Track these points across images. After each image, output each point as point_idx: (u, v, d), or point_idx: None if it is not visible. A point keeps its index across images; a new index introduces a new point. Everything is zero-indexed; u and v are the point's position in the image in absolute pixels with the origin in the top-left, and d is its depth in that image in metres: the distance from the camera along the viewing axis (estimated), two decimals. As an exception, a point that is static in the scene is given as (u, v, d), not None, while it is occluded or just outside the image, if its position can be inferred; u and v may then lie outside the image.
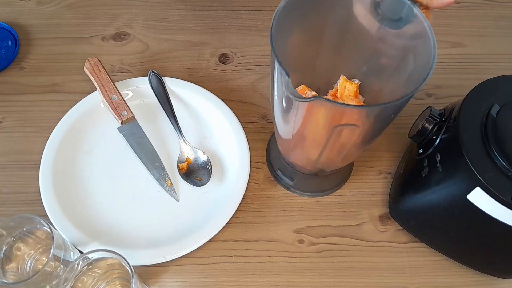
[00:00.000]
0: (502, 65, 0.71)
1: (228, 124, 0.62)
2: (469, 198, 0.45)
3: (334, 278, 0.54)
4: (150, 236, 0.55)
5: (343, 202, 0.59)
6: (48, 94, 0.65)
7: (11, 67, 0.67)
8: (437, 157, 0.49)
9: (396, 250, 0.56)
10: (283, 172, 0.59)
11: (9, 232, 0.48)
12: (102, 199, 0.57)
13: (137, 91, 0.64)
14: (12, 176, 0.59)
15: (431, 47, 0.41)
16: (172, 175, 0.59)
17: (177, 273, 0.54)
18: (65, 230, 0.53)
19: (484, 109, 0.48)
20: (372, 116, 0.43)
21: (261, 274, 0.54)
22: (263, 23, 0.74)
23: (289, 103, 0.44)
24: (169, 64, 0.69)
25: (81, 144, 0.60)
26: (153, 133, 0.62)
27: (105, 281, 0.48)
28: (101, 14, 0.74)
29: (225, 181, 0.59)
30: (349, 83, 0.53)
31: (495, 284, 0.54)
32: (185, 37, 0.72)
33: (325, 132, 0.44)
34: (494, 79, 0.51)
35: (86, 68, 0.63)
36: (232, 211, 0.55)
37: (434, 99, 0.67)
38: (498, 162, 0.44)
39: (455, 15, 0.76)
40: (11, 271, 0.48)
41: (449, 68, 0.70)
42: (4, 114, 0.64)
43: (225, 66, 0.69)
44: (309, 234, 0.57)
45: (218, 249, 0.55)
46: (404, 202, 0.54)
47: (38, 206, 0.55)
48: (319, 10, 0.48)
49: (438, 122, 0.52)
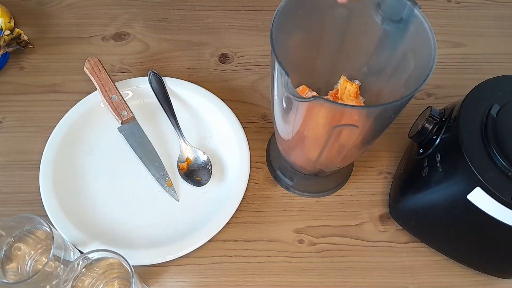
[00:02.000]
0: (502, 65, 0.71)
1: (228, 124, 0.62)
2: (469, 198, 0.45)
3: (334, 278, 0.54)
4: (150, 236, 0.55)
5: (343, 202, 0.59)
6: (48, 94, 0.65)
7: (11, 67, 0.67)
8: (437, 157, 0.49)
9: (396, 250, 0.56)
10: (283, 172, 0.59)
11: (9, 232, 0.48)
12: (102, 199, 0.57)
13: (137, 91, 0.64)
14: (12, 176, 0.59)
15: (431, 47, 0.41)
16: (172, 175, 0.59)
17: (177, 273, 0.54)
18: (65, 230, 0.53)
19: (484, 109, 0.48)
20: (372, 117, 0.43)
21: (261, 274, 0.54)
22: (263, 23, 0.74)
23: (289, 103, 0.44)
24: (169, 64, 0.69)
25: (81, 144, 0.60)
26: (153, 133, 0.62)
27: (104, 281, 0.48)
28: (101, 14, 0.74)
29: (225, 181, 0.59)
30: (349, 83, 0.53)
31: (495, 284, 0.54)
32: (185, 37, 0.72)
33: (325, 132, 0.44)
34: (494, 79, 0.51)
35: (86, 68, 0.63)
36: (232, 211, 0.55)
37: (434, 99, 0.67)
38: (498, 162, 0.44)
39: (455, 15, 0.76)
40: (11, 271, 0.48)
41: (449, 68, 0.70)
42: (4, 114, 0.64)
43: (225, 66, 0.69)
44: (309, 234, 0.57)
45: (218, 249, 0.55)
46: (404, 202, 0.54)
47: (38, 206, 0.55)
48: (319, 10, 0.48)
49: (438, 122, 0.52)
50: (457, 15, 0.76)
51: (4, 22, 0.67)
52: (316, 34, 0.51)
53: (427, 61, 0.41)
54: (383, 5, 0.46)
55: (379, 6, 0.46)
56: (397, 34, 0.47)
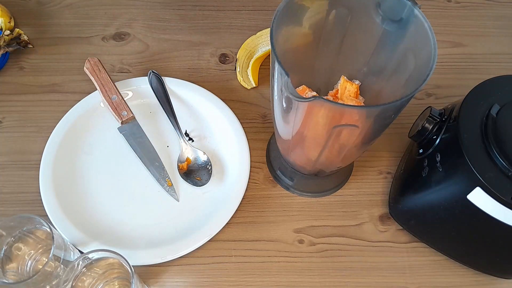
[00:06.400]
0: (502, 65, 0.71)
1: (228, 124, 0.62)
2: (469, 198, 0.45)
3: (334, 278, 0.54)
4: (150, 236, 0.55)
5: (343, 202, 0.59)
6: (48, 94, 0.65)
7: (11, 67, 0.67)
8: (437, 157, 0.49)
9: (396, 250, 0.56)
10: (283, 172, 0.59)
11: (9, 232, 0.48)
12: (102, 199, 0.57)
13: (137, 91, 0.64)
14: (12, 176, 0.59)
15: (431, 47, 0.41)
16: (172, 175, 0.59)
17: (177, 273, 0.54)
18: (65, 230, 0.53)
19: (484, 109, 0.48)
20: (372, 117, 0.43)
21: (261, 274, 0.54)
22: (263, 23, 0.74)
23: (289, 103, 0.44)
24: (169, 64, 0.69)
25: (81, 144, 0.60)
26: (153, 133, 0.62)
27: (104, 281, 0.48)
28: (101, 14, 0.74)
29: (225, 181, 0.59)
30: (349, 83, 0.53)
31: (495, 284, 0.54)
32: (185, 37, 0.72)
33: (325, 132, 0.44)
34: (494, 79, 0.51)
35: (86, 68, 0.63)
36: (232, 211, 0.55)
37: (434, 99, 0.67)
38: (498, 162, 0.44)
39: (455, 15, 0.76)
40: (11, 271, 0.48)
41: (449, 68, 0.70)
42: (4, 114, 0.64)
43: (225, 66, 0.69)
44: (309, 234, 0.57)
45: (218, 249, 0.55)
46: (404, 202, 0.54)
47: (38, 206, 0.55)
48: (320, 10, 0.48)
49: (438, 122, 0.52)
50: (457, 15, 0.76)
51: (4, 22, 0.67)
52: (316, 34, 0.51)
53: (427, 61, 0.41)
54: (383, 5, 0.46)
55: (379, 6, 0.46)
56: (397, 34, 0.47)
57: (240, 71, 0.66)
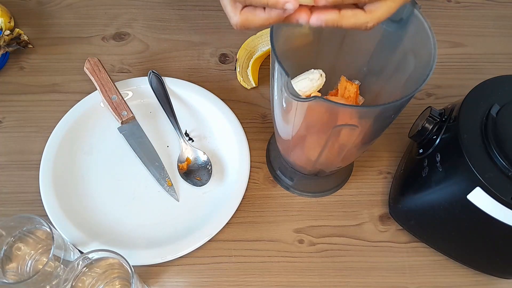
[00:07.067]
0: (502, 65, 0.71)
1: (228, 124, 0.62)
2: (469, 198, 0.45)
3: (334, 278, 0.54)
4: (150, 236, 0.55)
5: (343, 202, 0.59)
6: (48, 94, 0.65)
7: (11, 67, 0.67)
8: (437, 157, 0.49)
9: (396, 250, 0.56)
10: (283, 172, 0.59)
11: (9, 232, 0.48)
12: (102, 199, 0.57)
13: (137, 91, 0.64)
14: (12, 176, 0.59)
15: (431, 47, 0.41)
16: (172, 175, 0.59)
17: (177, 273, 0.54)
18: (65, 230, 0.53)
19: (484, 109, 0.48)
20: (372, 117, 0.43)
21: (261, 274, 0.54)
22: (263, 23, 0.73)
23: (289, 103, 0.44)
24: (169, 64, 0.69)
25: (81, 144, 0.60)
26: (153, 133, 0.62)
27: (105, 281, 0.48)
28: (101, 14, 0.74)
29: (225, 181, 0.59)
30: (349, 83, 0.54)
31: (495, 284, 0.54)
32: (185, 37, 0.72)
33: (325, 132, 0.44)
34: (494, 79, 0.51)
35: (86, 68, 0.63)
36: (232, 211, 0.55)
37: (434, 99, 0.67)
38: (498, 162, 0.44)
39: (455, 15, 0.76)
40: (11, 271, 0.48)
41: (449, 68, 0.70)
42: (4, 114, 0.64)
43: (225, 66, 0.69)
44: (309, 234, 0.57)
45: (218, 249, 0.55)
46: (404, 202, 0.54)
47: (38, 206, 0.55)
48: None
49: (438, 122, 0.52)
50: (457, 15, 0.76)
51: (4, 22, 0.67)
52: (316, 34, 0.51)
53: (427, 61, 0.41)
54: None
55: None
56: (397, 34, 0.47)
57: (240, 71, 0.66)
